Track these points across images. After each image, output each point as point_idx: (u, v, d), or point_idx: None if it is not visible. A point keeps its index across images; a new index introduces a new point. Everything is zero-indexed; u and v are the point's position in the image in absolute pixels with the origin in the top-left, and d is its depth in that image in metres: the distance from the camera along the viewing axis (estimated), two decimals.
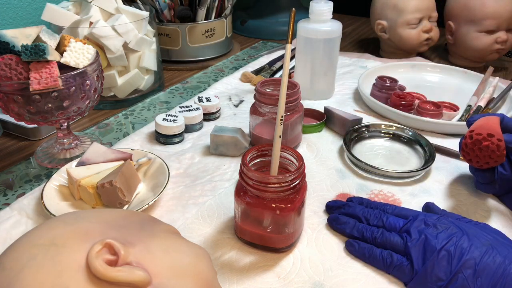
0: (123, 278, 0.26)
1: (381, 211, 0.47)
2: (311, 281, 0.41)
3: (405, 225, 0.43)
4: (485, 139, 0.46)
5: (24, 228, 0.47)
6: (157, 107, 0.76)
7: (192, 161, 0.59)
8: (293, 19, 0.42)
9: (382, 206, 0.48)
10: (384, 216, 0.45)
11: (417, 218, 0.43)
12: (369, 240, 0.44)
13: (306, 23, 0.72)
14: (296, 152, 0.43)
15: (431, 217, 0.43)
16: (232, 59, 0.99)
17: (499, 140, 0.46)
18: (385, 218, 0.45)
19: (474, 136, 0.47)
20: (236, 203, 0.43)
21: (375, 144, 0.64)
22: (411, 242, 0.41)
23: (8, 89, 0.49)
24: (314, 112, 0.70)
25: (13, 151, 0.64)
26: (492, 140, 0.46)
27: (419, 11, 0.89)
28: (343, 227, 0.46)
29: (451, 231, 0.40)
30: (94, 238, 0.28)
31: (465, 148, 0.48)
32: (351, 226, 0.46)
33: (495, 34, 0.85)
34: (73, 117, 0.56)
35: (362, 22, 1.28)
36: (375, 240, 0.43)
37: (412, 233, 0.42)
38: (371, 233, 0.44)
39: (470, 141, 0.48)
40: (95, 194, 0.48)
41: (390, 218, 0.45)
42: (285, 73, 0.42)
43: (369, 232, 0.44)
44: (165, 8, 0.90)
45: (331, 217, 0.48)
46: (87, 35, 0.69)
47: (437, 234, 0.40)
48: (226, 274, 0.42)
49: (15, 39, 0.51)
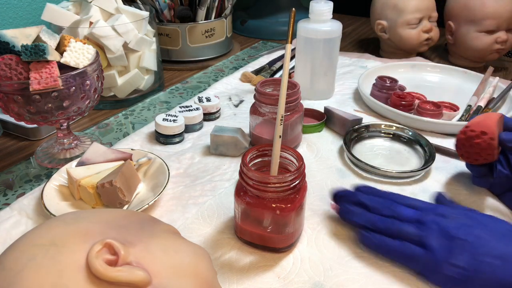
0: (123, 278, 0.26)
1: (392, 201, 0.45)
2: (311, 281, 0.41)
3: (418, 215, 0.43)
4: (477, 137, 0.47)
5: (24, 228, 0.47)
6: (157, 107, 0.76)
7: (192, 161, 0.59)
8: (293, 19, 0.42)
9: (392, 196, 0.47)
10: (395, 206, 0.44)
11: (429, 208, 0.43)
12: (382, 231, 0.43)
13: (306, 23, 0.72)
14: (296, 152, 0.43)
15: (444, 208, 0.43)
16: (232, 59, 0.99)
17: (491, 139, 0.46)
18: (397, 208, 0.44)
19: (468, 132, 0.48)
20: (236, 203, 0.43)
21: (375, 144, 0.64)
22: (427, 231, 0.40)
23: (8, 89, 0.49)
24: (314, 112, 0.70)
25: (13, 151, 0.64)
26: (484, 138, 0.46)
27: (419, 11, 0.89)
28: (354, 218, 0.45)
29: (466, 221, 0.40)
30: (94, 238, 0.28)
31: (458, 143, 0.49)
32: (363, 216, 0.44)
33: (495, 34, 0.85)
34: (73, 117, 0.56)
35: (362, 22, 1.28)
36: (389, 231, 0.42)
37: (426, 223, 0.41)
38: (383, 223, 0.43)
39: (463, 137, 0.48)
40: (95, 194, 0.48)
41: (401, 208, 0.44)
42: (285, 73, 0.42)
43: (382, 223, 0.43)
44: (165, 8, 0.90)
45: (341, 207, 0.47)
46: (87, 35, 0.69)
47: (453, 223, 0.40)
48: (226, 274, 0.42)
49: (15, 39, 0.51)
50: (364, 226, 0.44)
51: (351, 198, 0.47)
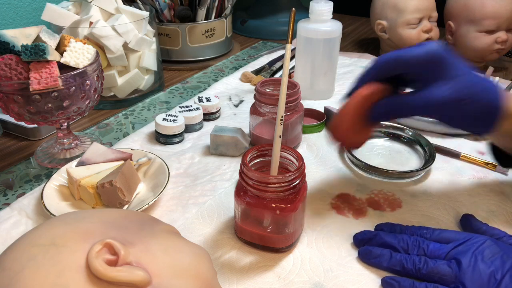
0: (123, 278, 0.26)
1: (419, 237, 0.42)
2: (311, 282, 0.41)
3: (451, 251, 0.39)
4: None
5: (24, 228, 0.47)
6: (157, 107, 0.76)
7: (192, 161, 0.59)
8: (293, 19, 0.42)
9: (418, 231, 0.43)
10: (423, 242, 0.41)
11: (463, 242, 0.39)
12: (411, 272, 0.39)
13: (306, 23, 0.72)
14: (296, 152, 0.43)
15: (479, 240, 0.39)
16: (232, 59, 0.99)
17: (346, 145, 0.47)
18: (426, 245, 0.40)
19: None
20: (236, 203, 0.43)
21: (375, 144, 0.64)
22: (463, 270, 0.37)
23: (8, 89, 0.49)
24: (314, 112, 0.70)
25: (13, 151, 0.64)
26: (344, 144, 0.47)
27: (419, 11, 0.89)
28: (378, 261, 0.41)
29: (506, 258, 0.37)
30: (94, 238, 0.28)
31: None
32: (388, 258, 0.41)
33: (495, 34, 0.85)
34: (73, 117, 0.56)
35: (362, 22, 1.28)
36: (419, 272, 0.38)
37: (461, 260, 0.37)
38: (413, 264, 0.39)
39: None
40: (95, 194, 0.48)
41: (431, 244, 0.40)
42: (285, 73, 0.41)
43: (411, 263, 0.39)
44: (165, 8, 0.90)
45: (362, 251, 0.43)
46: (87, 35, 0.69)
47: (492, 261, 0.37)
48: (226, 274, 0.42)
49: (15, 39, 0.51)
50: (390, 268, 0.41)
51: (373, 239, 0.44)
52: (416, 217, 0.49)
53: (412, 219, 0.49)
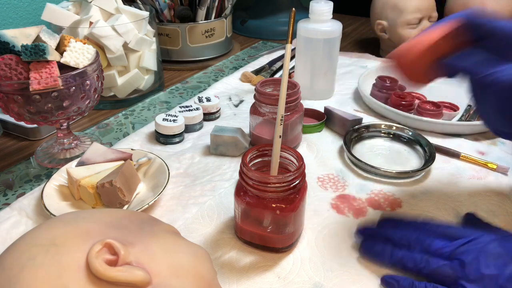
0: (123, 278, 0.26)
1: (423, 233, 0.40)
2: (311, 282, 0.41)
3: (455, 250, 0.38)
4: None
5: (24, 228, 0.47)
6: (157, 107, 0.76)
7: (192, 161, 0.59)
8: (293, 19, 0.42)
9: (422, 226, 0.42)
10: (427, 239, 0.39)
11: (468, 241, 0.38)
12: (412, 271, 0.39)
13: (306, 23, 0.72)
14: (296, 152, 0.43)
15: (484, 240, 0.38)
16: (232, 59, 0.99)
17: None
18: (429, 242, 0.39)
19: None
20: (236, 203, 0.43)
21: (375, 144, 0.64)
22: (466, 272, 0.36)
23: (8, 89, 0.49)
24: (314, 112, 0.70)
25: (13, 151, 0.64)
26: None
27: (419, 11, 0.89)
28: (380, 258, 0.41)
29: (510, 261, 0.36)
30: (94, 238, 0.28)
31: None
32: (389, 255, 0.40)
33: None
34: (73, 117, 0.56)
35: (362, 22, 1.28)
36: (420, 272, 0.38)
37: (465, 261, 0.36)
38: (414, 263, 0.38)
39: None
40: (95, 194, 0.48)
41: (435, 241, 0.39)
42: (285, 73, 0.41)
43: (412, 262, 0.39)
44: (165, 8, 0.90)
45: (364, 247, 0.42)
46: (87, 35, 0.69)
47: (495, 264, 0.36)
48: (226, 274, 0.42)
49: (15, 39, 0.51)
50: (391, 265, 0.40)
51: (375, 234, 0.43)
52: None
53: None
